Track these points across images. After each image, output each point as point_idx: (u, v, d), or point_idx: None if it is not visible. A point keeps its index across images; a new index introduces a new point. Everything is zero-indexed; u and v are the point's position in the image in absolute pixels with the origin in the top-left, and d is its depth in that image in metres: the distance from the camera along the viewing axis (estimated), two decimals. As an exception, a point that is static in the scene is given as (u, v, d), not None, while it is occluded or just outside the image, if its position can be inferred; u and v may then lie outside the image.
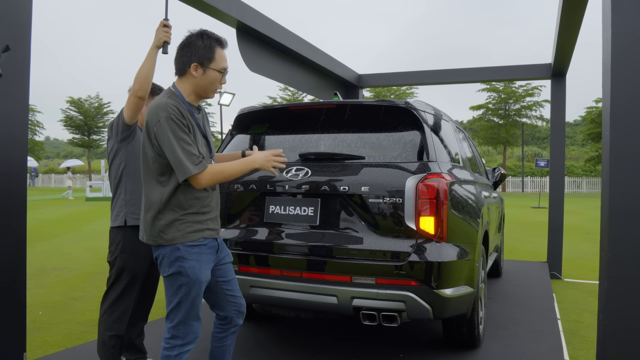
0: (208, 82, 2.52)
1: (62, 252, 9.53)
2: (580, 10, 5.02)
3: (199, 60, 2.49)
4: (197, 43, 2.49)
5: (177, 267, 2.44)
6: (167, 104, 2.41)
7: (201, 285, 2.50)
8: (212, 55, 2.50)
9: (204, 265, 2.50)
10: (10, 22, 2.91)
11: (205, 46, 2.49)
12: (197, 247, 2.47)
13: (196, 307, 2.52)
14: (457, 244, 3.42)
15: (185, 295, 2.46)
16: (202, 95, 2.57)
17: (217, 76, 2.53)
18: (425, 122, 3.58)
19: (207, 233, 2.53)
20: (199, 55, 2.49)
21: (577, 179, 44.22)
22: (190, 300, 2.48)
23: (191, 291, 2.47)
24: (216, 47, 2.52)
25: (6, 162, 2.94)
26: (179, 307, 2.48)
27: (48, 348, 4.26)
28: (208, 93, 2.57)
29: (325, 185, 3.45)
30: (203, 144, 2.55)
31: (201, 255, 2.48)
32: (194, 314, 2.51)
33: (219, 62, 2.52)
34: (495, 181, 6.29)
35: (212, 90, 2.56)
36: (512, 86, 43.98)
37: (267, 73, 5.98)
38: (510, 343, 4.18)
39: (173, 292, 2.48)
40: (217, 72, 2.53)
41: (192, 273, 2.45)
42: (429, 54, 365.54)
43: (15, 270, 3.01)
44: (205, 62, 2.50)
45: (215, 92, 2.60)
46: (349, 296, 3.29)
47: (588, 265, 8.61)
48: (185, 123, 2.43)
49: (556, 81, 7.67)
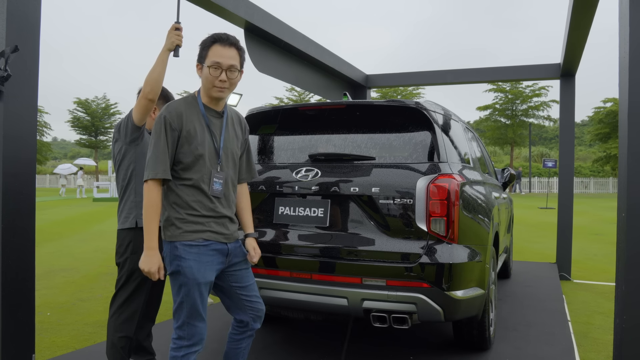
0: (204, 79, 2.54)
1: (69, 252, 9.55)
2: (591, 10, 4.97)
3: (198, 60, 2.56)
4: (200, 45, 2.56)
5: (176, 265, 2.46)
6: (171, 104, 2.49)
7: (200, 287, 2.47)
8: (206, 52, 2.52)
9: (203, 266, 2.48)
10: (18, 23, 2.90)
11: (202, 45, 2.54)
12: (195, 247, 2.47)
13: (198, 308, 2.49)
14: (468, 245, 3.38)
15: (186, 296, 2.46)
16: (209, 94, 2.56)
17: (211, 72, 2.49)
18: (435, 123, 3.55)
19: (208, 235, 2.51)
20: (199, 55, 2.56)
21: (584, 180, 43.98)
22: (191, 301, 2.47)
23: (191, 291, 2.46)
24: (212, 44, 2.52)
25: (15, 163, 2.93)
26: (181, 307, 2.48)
27: (56, 349, 4.25)
28: (209, 90, 2.54)
29: (335, 186, 3.42)
30: (209, 145, 2.54)
31: (200, 256, 2.47)
32: (197, 315, 2.50)
33: (211, 57, 2.50)
34: (505, 182, 6.25)
35: (211, 87, 2.52)
36: (519, 86, 43.82)
37: (274, 73, 5.96)
38: (521, 345, 4.14)
39: (175, 292, 2.50)
40: (208, 67, 2.50)
41: (189, 273, 2.44)
42: (435, 55, 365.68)
43: (24, 271, 2.99)
44: (202, 59, 2.54)
45: (217, 89, 2.53)
46: (360, 298, 3.26)
47: (597, 267, 8.55)
48: (175, 126, 2.46)
49: (565, 81, 7.61)
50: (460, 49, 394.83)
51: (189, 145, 2.49)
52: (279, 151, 3.83)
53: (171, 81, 30.17)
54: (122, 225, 3.11)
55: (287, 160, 3.72)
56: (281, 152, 3.80)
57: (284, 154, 3.77)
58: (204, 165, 2.51)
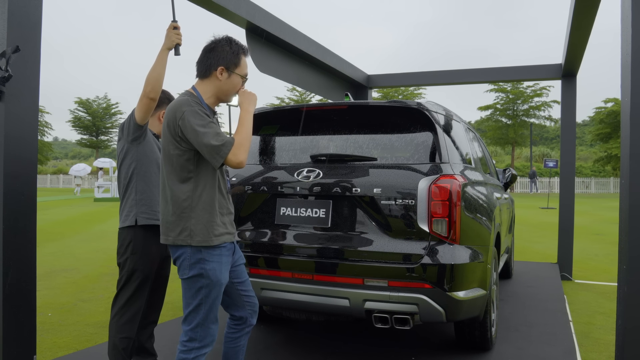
0: (232, 85, 2.60)
1: (71, 253, 9.55)
2: (592, 10, 4.97)
3: (226, 65, 2.57)
4: (225, 48, 2.57)
5: (199, 269, 2.45)
6: (188, 101, 2.48)
7: (221, 288, 2.52)
8: (238, 61, 2.60)
9: (224, 267, 2.52)
10: (20, 23, 2.90)
11: (233, 52, 2.58)
12: (218, 249, 2.49)
13: (215, 309, 2.53)
14: (470, 246, 3.38)
15: (205, 298, 2.47)
16: (222, 98, 2.63)
17: (239, 81, 2.62)
18: (437, 123, 3.55)
19: (227, 237, 2.55)
20: (226, 60, 2.57)
21: (585, 180, 43.93)
22: (210, 303, 2.49)
23: (211, 293, 2.48)
24: (242, 54, 2.62)
25: (16, 163, 2.93)
26: (198, 309, 2.48)
27: (58, 350, 4.25)
28: (229, 97, 2.64)
29: (337, 187, 3.42)
30: None
31: (222, 257, 2.51)
32: (213, 316, 2.53)
33: (243, 68, 2.63)
34: (506, 182, 6.24)
35: (233, 94, 2.65)
36: (520, 87, 43.83)
37: (276, 73, 5.95)
38: (523, 345, 4.13)
39: (192, 295, 2.48)
40: (240, 77, 2.62)
41: (213, 275, 2.46)
42: (436, 55, 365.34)
43: (25, 271, 2.99)
44: (232, 67, 2.58)
45: (233, 97, 2.68)
46: (361, 299, 3.26)
47: (598, 267, 8.54)
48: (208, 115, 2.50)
49: (566, 81, 7.61)
50: (461, 50, 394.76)
51: None
52: (280, 152, 3.83)
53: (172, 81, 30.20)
54: (122, 223, 3.12)
55: (288, 161, 3.72)
56: (283, 153, 3.80)
57: (286, 155, 3.77)
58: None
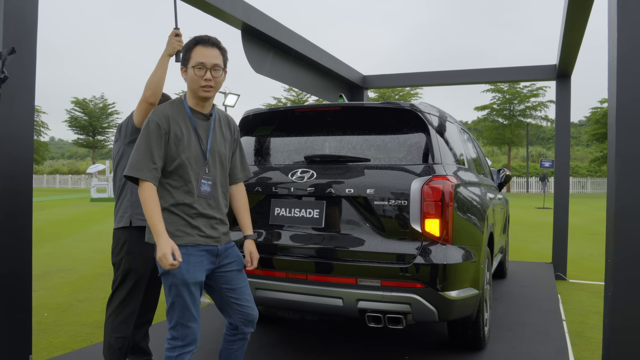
0: (190, 80, 2.58)
1: (67, 253, 9.56)
2: (585, 11, 5.00)
3: (182, 63, 2.62)
4: (183, 49, 2.64)
5: None
6: (158, 108, 2.56)
7: (189, 287, 2.49)
8: (189, 54, 2.58)
9: (192, 266, 2.50)
10: (15, 25, 2.91)
11: (185, 49, 2.61)
12: (184, 248, 2.50)
13: (189, 308, 2.51)
14: (463, 246, 3.41)
15: (177, 296, 2.49)
16: (197, 94, 2.59)
17: (195, 72, 2.53)
18: (430, 124, 3.58)
19: (198, 239, 2.54)
20: (183, 59, 2.62)
21: (581, 180, 44.08)
22: (182, 302, 2.49)
23: (180, 292, 2.48)
24: (194, 46, 2.57)
25: (12, 163, 2.94)
26: (173, 307, 2.51)
27: (53, 350, 4.27)
28: (195, 91, 2.59)
29: (331, 188, 3.45)
30: (195, 147, 2.57)
31: (189, 257, 2.50)
32: (189, 315, 2.51)
33: (194, 58, 2.55)
34: (500, 182, 6.27)
35: (197, 87, 2.56)
36: (517, 87, 43.93)
37: (272, 74, 5.98)
38: (516, 345, 4.17)
39: (167, 292, 2.52)
40: (193, 68, 2.54)
41: (178, 273, 2.46)
42: (433, 57, 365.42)
43: (21, 271, 3.01)
44: (185, 62, 2.59)
45: (203, 89, 2.56)
46: (355, 298, 3.29)
47: (593, 266, 8.59)
48: (163, 128, 2.50)
49: (561, 82, 7.65)
50: (458, 51, 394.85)
51: (176, 147, 2.52)
52: (275, 153, 3.85)
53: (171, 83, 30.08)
54: (117, 224, 3.13)
55: (283, 162, 3.75)
56: (277, 154, 3.83)
57: (280, 156, 3.80)
58: (191, 168, 2.54)
